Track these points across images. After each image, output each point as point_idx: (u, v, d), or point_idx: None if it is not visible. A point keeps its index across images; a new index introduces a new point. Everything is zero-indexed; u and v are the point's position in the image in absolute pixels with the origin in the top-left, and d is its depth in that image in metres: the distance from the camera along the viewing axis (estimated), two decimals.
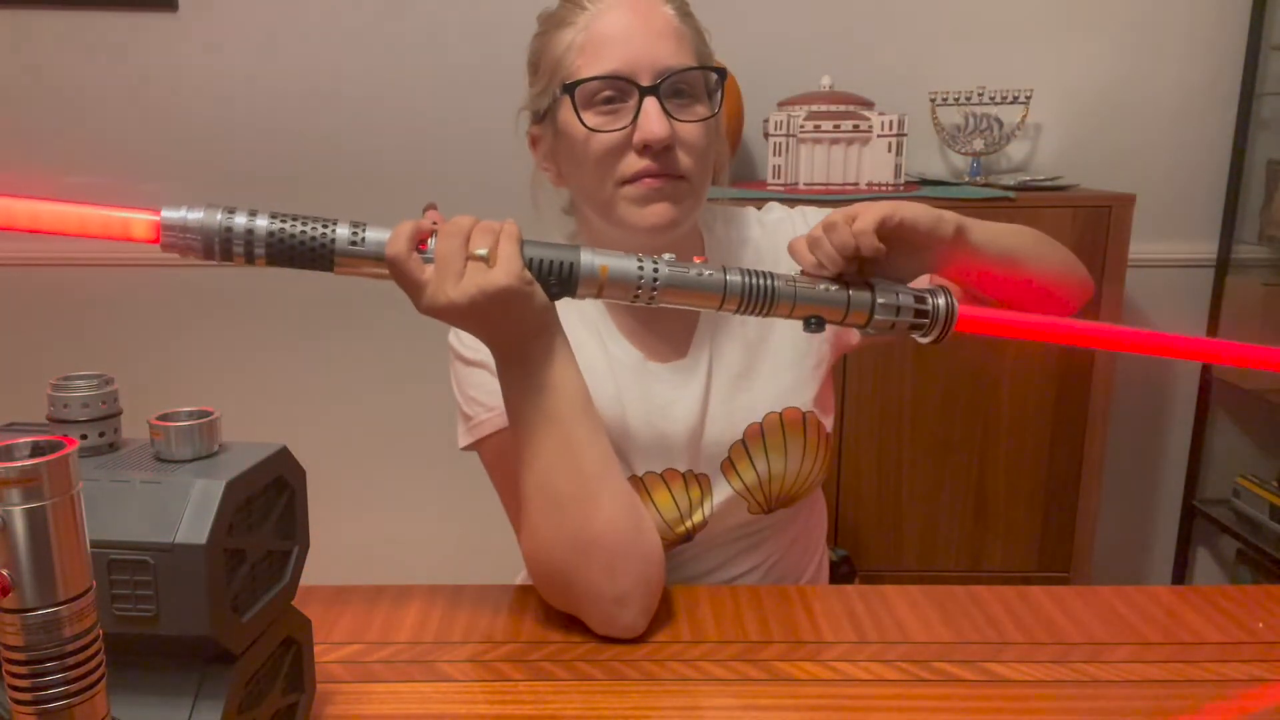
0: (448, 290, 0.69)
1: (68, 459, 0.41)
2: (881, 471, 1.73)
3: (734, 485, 0.92)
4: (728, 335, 0.95)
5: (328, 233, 0.68)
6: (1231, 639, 0.79)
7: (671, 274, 0.73)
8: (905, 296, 0.76)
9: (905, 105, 1.75)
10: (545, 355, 0.75)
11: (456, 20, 1.90)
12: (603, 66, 0.83)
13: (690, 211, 0.87)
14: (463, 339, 0.92)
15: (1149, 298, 2.02)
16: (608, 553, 0.76)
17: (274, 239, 0.68)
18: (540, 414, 0.75)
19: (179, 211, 0.67)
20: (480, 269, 0.69)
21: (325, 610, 0.83)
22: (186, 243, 0.67)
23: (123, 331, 2.02)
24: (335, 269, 0.70)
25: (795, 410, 0.93)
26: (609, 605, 0.77)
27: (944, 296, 0.77)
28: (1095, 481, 1.74)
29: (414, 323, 2.03)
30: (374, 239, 0.69)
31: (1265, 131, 1.94)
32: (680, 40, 0.85)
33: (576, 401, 0.76)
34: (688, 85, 0.85)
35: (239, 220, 0.67)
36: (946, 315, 0.76)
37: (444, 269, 0.69)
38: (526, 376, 0.75)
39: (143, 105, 1.91)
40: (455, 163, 1.95)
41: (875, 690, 0.72)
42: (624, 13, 0.84)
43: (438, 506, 2.09)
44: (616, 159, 0.84)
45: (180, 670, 0.53)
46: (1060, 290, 0.93)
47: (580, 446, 0.76)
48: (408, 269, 0.69)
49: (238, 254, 0.68)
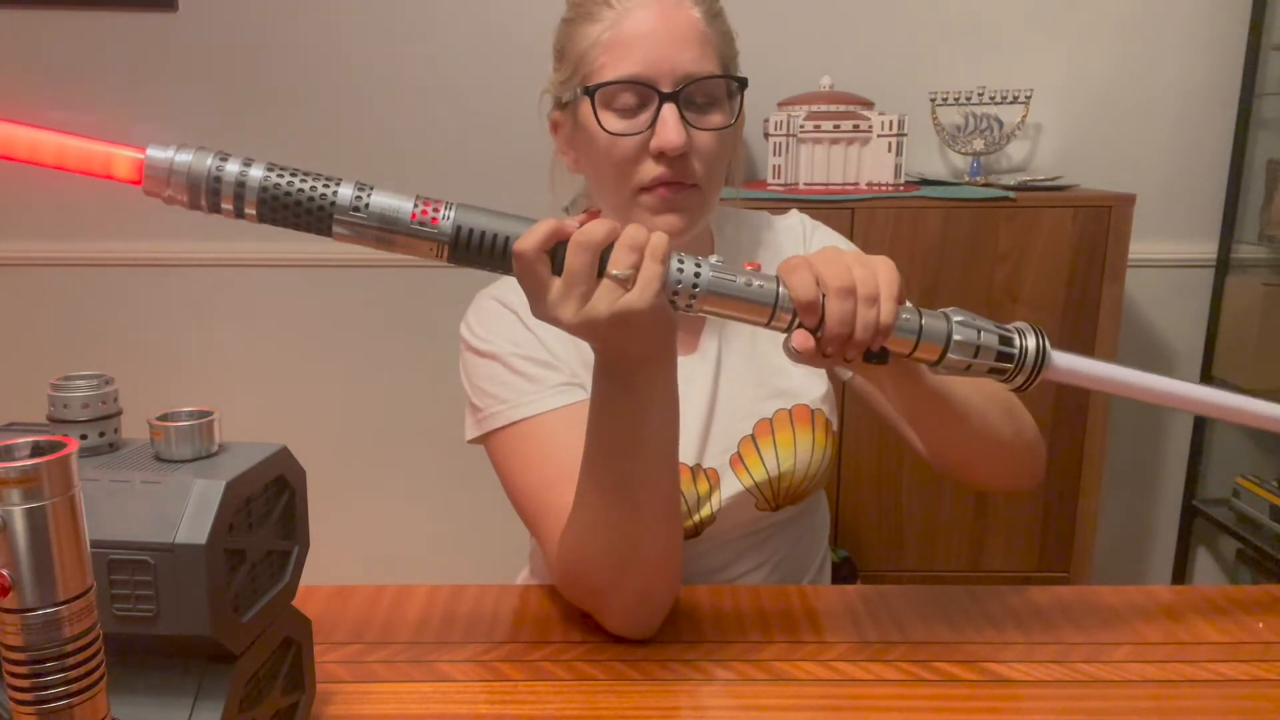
0: (570, 308, 0.63)
1: (68, 459, 0.41)
2: (881, 471, 1.73)
3: (743, 481, 0.92)
4: (737, 332, 0.95)
5: (328, 192, 0.61)
6: (1231, 639, 0.79)
7: (715, 280, 0.64)
8: (988, 334, 0.65)
9: (905, 105, 1.75)
10: (651, 378, 0.69)
11: (457, 15, 1.90)
12: (625, 69, 0.83)
13: (699, 219, 0.88)
14: (474, 330, 0.92)
15: (1149, 298, 2.02)
16: (647, 578, 0.76)
17: (267, 193, 0.60)
18: (625, 434, 0.71)
19: (166, 151, 0.59)
20: (614, 291, 0.62)
21: (325, 610, 0.83)
22: (171, 187, 0.59)
23: (123, 331, 2.02)
24: (333, 233, 0.62)
25: (804, 407, 0.94)
26: (634, 617, 0.78)
27: (1035, 337, 0.66)
28: (1095, 481, 1.73)
29: (414, 323, 2.03)
30: (380, 204, 0.61)
31: (1265, 131, 1.94)
32: (704, 45, 0.84)
33: (665, 432, 0.72)
34: (707, 92, 0.85)
35: (231, 168, 0.59)
36: (1037, 360, 0.65)
37: (570, 286, 0.63)
38: (626, 392, 0.69)
39: (142, 105, 1.91)
40: (457, 159, 1.95)
41: (875, 690, 0.71)
42: (650, 13, 0.83)
43: (438, 506, 2.09)
44: (634, 164, 0.84)
45: (180, 670, 0.53)
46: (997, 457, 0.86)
47: (655, 476, 0.73)
48: (534, 270, 0.63)
49: (227, 207, 0.60)
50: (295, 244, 1.96)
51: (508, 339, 0.90)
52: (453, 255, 0.63)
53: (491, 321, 0.92)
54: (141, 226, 1.97)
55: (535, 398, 0.86)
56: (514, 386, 0.87)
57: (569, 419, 0.83)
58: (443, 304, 2.05)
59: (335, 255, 1.97)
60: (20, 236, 1.98)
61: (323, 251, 1.97)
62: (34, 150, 0.58)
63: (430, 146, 1.95)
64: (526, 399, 0.86)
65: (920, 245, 1.64)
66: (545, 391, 0.86)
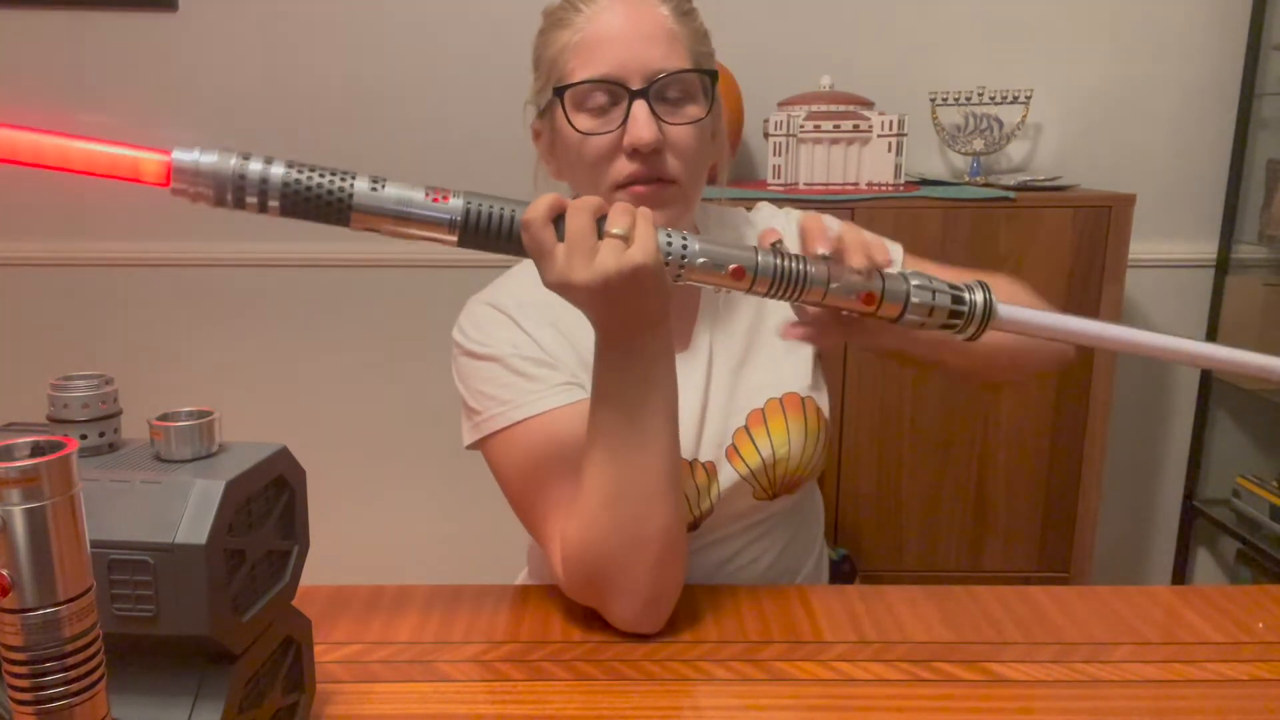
0: (578, 266, 0.68)
1: (68, 459, 0.41)
2: (881, 471, 1.73)
3: (739, 470, 0.93)
4: (726, 326, 0.96)
5: (345, 186, 0.65)
6: (1231, 639, 0.79)
7: (703, 249, 0.70)
8: (941, 291, 0.72)
9: (905, 105, 1.75)
10: (652, 350, 0.74)
11: (456, 14, 1.90)
12: (594, 69, 0.84)
13: (681, 215, 0.88)
14: (468, 334, 0.92)
15: (1149, 298, 2.02)
16: (659, 551, 0.78)
17: (289, 188, 0.64)
18: (629, 408, 0.75)
19: (191, 154, 0.63)
20: (617, 247, 0.68)
21: (325, 610, 0.83)
22: (197, 187, 0.63)
23: (123, 331, 2.02)
24: (351, 223, 0.66)
25: (794, 395, 0.95)
26: (644, 603, 0.78)
27: (981, 292, 0.73)
28: (1095, 481, 1.74)
29: (414, 323, 2.03)
30: (393, 194, 0.66)
31: (1265, 131, 1.94)
32: (673, 42, 0.85)
33: (667, 402, 0.76)
34: (679, 87, 0.85)
35: (253, 167, 0.63)
36: (985, 311, 0.73)
37: (575, 245, 0.68)
38: (628, 366, 0.74)
39: (142, 105, 1.91)
40: (457, 156, 1.95)
41: (875, 690, 0.72)
42: (617, 15, 0.84)
43: (438, 506, 2.09)
44: (608, 162, 0.85)
45: (180, 670, 0.53)
46: (1022, 359, 0.94)
47: (659, 447, 0.76)
48: (541, 236, 0.68)
49: (250, 202, 0.64)
50: (295, 244, 1.97)
51: (506, 341, 0.90)
52: (463, 236, 0.67)
53: (487, 325, 0.92)
54: (141, 227, 1.97)
55: (537, 397, 0.86)
56: (516, 387, 0.87)
57: (573, 416, 0.84)
58: (443, 304, 2.05)
59: (335, 255, 1.97)
60: (21, 236, 1.98)
61: (323, 252, 1.97)
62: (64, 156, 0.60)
63: (427, 148, 1.95)
64: (529, 398, 0.86)
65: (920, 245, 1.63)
66: (547, 390, 0.86)
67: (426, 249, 1.95)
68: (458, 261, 1.91)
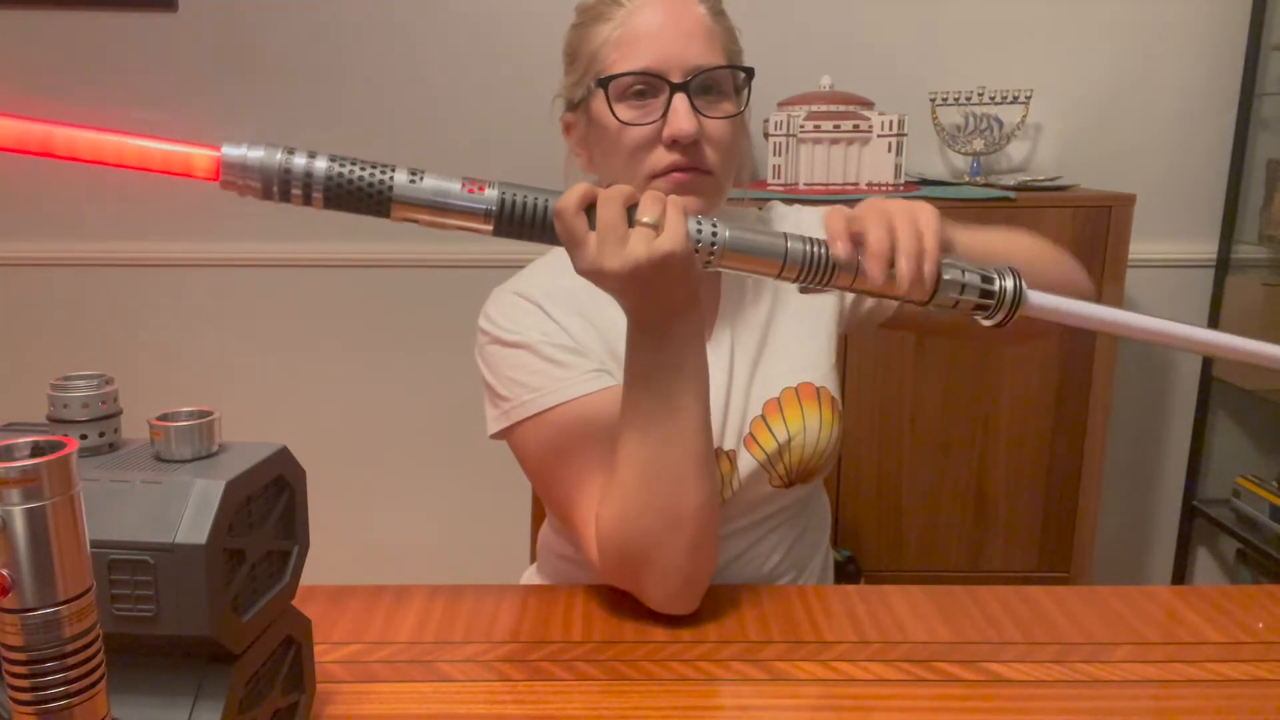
0: (609, 254, 0.69)
1: (68, 459, 0.41)
2: (881, 471, 1.73)
3: (756, 457, 0.94)
4: (745, 317, 0.98)
5: (385, 178, 0.67)
6: (1231, 639, 0.79)
7: (733, 236, 0.70)
8: (971, 275, 0.72)
9: (905, 105, 1.75)
10: (683, 334, 0.76)
11: (456, 13, 1.90)
12: (636, 62, 0.86)
13: (715, 205, 0.90)
14: (497, 321, 0.93)
15: (1149, 298, 2.02)
16: (695, 531, 0.79)
17: (332, 181, 0.66)
18: (662, 390, 0.77)
19: (239, 149, 0.65)
20: (647, 235, 0.69)
21: (325, 610, 0.83)
22: (246, 181, 0.65)
23: (123, 331, 2.02)
24: (391, 214, 0.68)
25: (809, 385, 0.96)
26: (680, 583, 0.80)
27: (1012, 278, 0.72)
28: (1095, 481, 1.74)
29: (415, 322, 2.04)
30: (431, 185, 0.68)
31: (1265, 131, 1.94)
32: (710, 39, 0.88)
33: (699, 384, 0.78)
34: (716, 83, 0.88)
35: (298, 161, 0.66)
36: (1015, 298, 0.72)
37: (606, 234, 0.69)
38: (660, 350, 0.76)
39: (142, 105, 1.91)
40: (459, 158, 1.95)
41: (875, 690, 0.72)
42: (658, 11, 0.87)
43: (438, 506, 2.09)
44: (646, 152, 0.87)
45: (180, 670, 0.53)
46: None
47: (693, 427, 0.78)
48: (573, 224, 0.69)
49: (296, 195, 0.66)
50: (295, 244, 1.97)
51: (536, 329, 0.91)
52: (498, 226, 0.69)
53: (516, 314, 0.93)
54: (142, 227, 1.97)
55: (569, 383, 0.87)
56: (547, 374, 0.88)
57: (604, 402, 0.85)
58: (443, 304, 2.06)
59: (336, 256, 1.97)
60: (21, 236, 1.98)
61: (323, 252, 1.97)
62: (120, 153, 0.63)
63: (431, 145, 1.95)
64: (560, 385, 0.87)
65: None
66: (578, 377, 0.87)
67: (427, 249, 1.96)
68: (458, 262, 1.92)
